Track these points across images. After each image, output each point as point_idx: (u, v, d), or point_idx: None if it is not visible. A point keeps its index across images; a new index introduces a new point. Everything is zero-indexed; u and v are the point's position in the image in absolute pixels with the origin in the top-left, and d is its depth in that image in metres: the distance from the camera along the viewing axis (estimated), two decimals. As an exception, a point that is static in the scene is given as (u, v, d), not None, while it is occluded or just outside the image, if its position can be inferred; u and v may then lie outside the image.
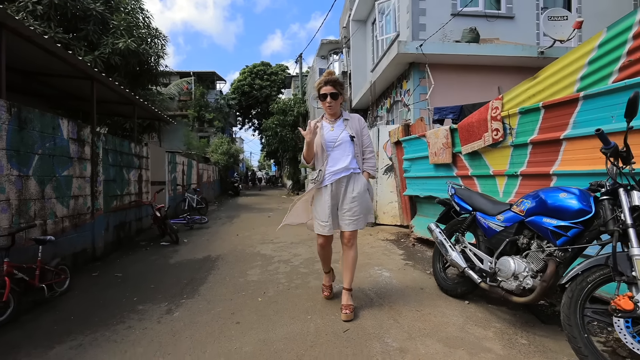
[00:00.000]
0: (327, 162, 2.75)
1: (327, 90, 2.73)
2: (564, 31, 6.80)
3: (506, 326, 2.47)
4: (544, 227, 2.20)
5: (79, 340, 2.45)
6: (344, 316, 2.63)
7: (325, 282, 3.10)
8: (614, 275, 1.78)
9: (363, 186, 2.75)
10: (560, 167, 3.02)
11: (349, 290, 2.78)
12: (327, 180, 2.73)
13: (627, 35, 2.61)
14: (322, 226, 2.74)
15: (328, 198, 2.71)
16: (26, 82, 5.92)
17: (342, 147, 2.75)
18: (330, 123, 2.84)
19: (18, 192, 3.47)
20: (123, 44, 7.94)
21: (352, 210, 2.70)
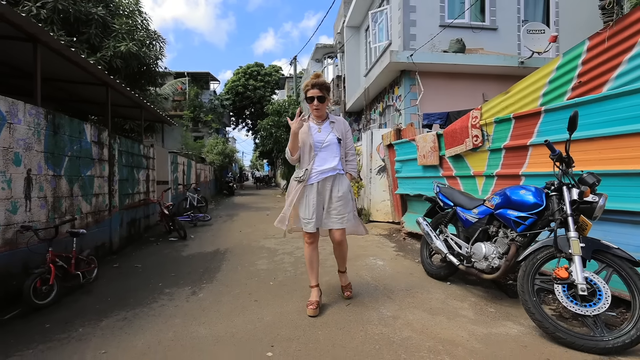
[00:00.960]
0: (314, 162, 2.82)
1: (314, 93, 2.81)
2: (542, 44, 7.41)
3: (479, 300, 3.00)
4: (508, 218, 2.74)
5: (123, 315, 2.91)
6: (346, 296, 3.06)
7: (312, 298, 2.85)
8: (556, 253, 2.31)
9: (347, 187, 2.89)
10: (527, 169, 3.56)
11: (343, 272, 3.13)
12: (314, 178, 2.82)
13: (577, 61, 3.17)
14: (307, 223, 2.82)
15: (314, 196, 2.80)
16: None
17: (329, 149, 2.85)
18: (318, 124, 2.91)
19: (53, 190, 3.89)
20: (125, 47, 8.29)
21: (338, 209, 2.81)
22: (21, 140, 3.39)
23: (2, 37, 3.88)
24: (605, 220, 2.72)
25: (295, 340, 2.32)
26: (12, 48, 4.39)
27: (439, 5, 8.64)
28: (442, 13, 8.64)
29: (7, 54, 4.73)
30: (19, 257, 3.33)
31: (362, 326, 2.53)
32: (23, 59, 4.85)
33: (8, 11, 3.30)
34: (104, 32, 8.40)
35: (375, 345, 2.25)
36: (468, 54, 8.11)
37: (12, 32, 3.69)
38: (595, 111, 2.80)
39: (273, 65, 35.40)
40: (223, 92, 33.76)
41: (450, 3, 8.78)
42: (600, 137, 2.78)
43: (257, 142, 35.35)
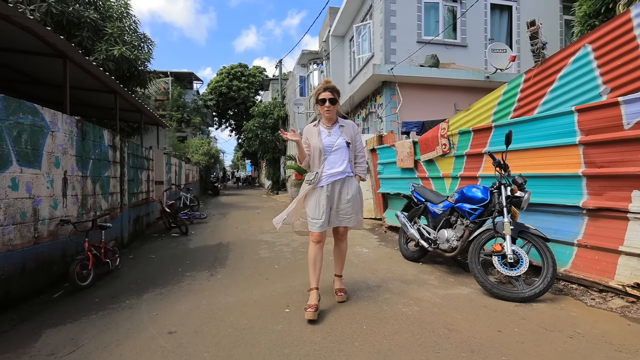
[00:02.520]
0: (324, 165, 2.89)
1: (326, 95, 2.87)
2: (504, 61, 8.42)
3: (443, 274, 3.83)
4: (464, 209, 3.57)
5: (159, 291, 3.56)
6: (338, 298, 3.05)
7: (311, 301, 2.80)
8: (495, 234, 3.15)
9: (356, 189, 2.97)
10: (482, 172, 4.43)
11: (340, 276, 3.17)
12: (324, 181, 2.88)
13: (517, 89, 4.06)
14: (315, 224, 2.87)
15: (324, 198, 2.85)
16: (48, 92, 6.75)
17: (338, 152, 2.90)
18: (327, 128, 2.97)
19: (81, 189, 4.47)
20: (118, 51, 8.72)
21: (346, 210, 2.92)
22: (60, 145, 3.97)
23: (35, 54, 4.41)
24: (534, 210, 3.60)
25: (305, 302, 3.04)
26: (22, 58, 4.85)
27: (416, 23, 9.56)
28: (419, 30, 9.56)
29: (13, 61, 5.16)
30: (58, 247, 3.92)
31: (354, 292, 3.29)
32: (30, 66, 5.33)
33: (49, 34, 3.88)
34: (96, 35, 8.71)
35: (364, 303, 3.02)
36: (442, 68, 9.05)
37: (46, 49, 4.25)
38: (527, 129, 3.68)
39: (257, 66, 35.85)
40: (206, 92, 33.94)
41: (427, 22, 9.72)
42: (531, 149, 3.66)
43: (241, 142, 35.71)
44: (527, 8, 10.61)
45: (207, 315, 2.87)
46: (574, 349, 2.20)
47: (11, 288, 3.17)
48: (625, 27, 3.21)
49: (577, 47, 3.65)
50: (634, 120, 3.00)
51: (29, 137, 3.42)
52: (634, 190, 3.07)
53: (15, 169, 3.23)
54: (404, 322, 2.64)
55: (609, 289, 3.10)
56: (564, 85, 3.76)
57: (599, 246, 3.28)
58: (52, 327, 2.74)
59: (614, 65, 3.33)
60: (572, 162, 3.48)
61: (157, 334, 2.55)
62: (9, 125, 3.17)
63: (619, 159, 3.15)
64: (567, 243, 3.53)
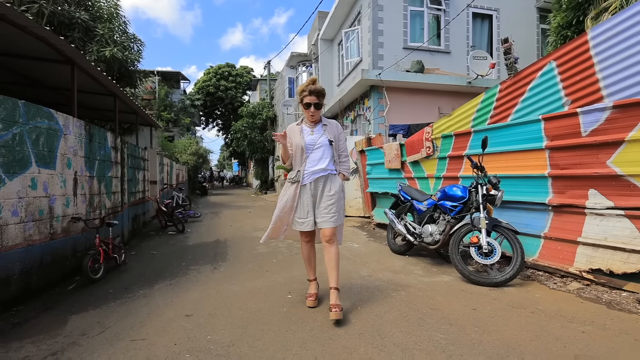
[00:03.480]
0: (305, 163, 2.90)
1: (312, 100, 2.86)
2: (484, 68, 8.95)
3: (427, 265, 4.25)
4: (445, 206, 3.99)
5: (167, 282, 3.85)
6: (333, 315, 2.62)
7: (311, 290, 3.03)
8: (473, 228, 3.58)
9: (339, 186, 2.95)
10: (463, 173, 4.87)
11: (336, 289, 2.81)
12: (307, 179, 2.89)
13: (494, 98, 4.52)
14: (301, 223, 2.89)
15: (308, 196, 2.88)
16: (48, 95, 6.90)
17: (320, 150, 2.91)
18: (310, 127, 2.98)
19: (89, 188, 4.71)
20: (109, 52, 8.87)
21: (329, 208, 2.86)
22: (71, 147, 4.22)
23: (45, 60, 4.62)
24: (508, 207, 4.05)
25: (304, 289, 3.40)
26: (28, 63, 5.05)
27: (403, 30, 10.03)
28: (405, 37, 10.03)
29: (19, 65, 5.33)
30: (70, 243, 4.17)
31: (348, 280, 3.66)
32: (34, 70, 5.51)
33: (60, 42, 4.11)
34: (87, 36, 8.82)
35: (357, 290, 3.39)
36: (426, 73, 9.54)
37: (56, 56, 4.48)
38: (502, 134, 4.14)
39: (244, 66, 35.91)
40: (193, 92, 33.82)
41: (412, 29, 10.20)
42: (505, 152, 4.12)
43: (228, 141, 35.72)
44: (506, 17, 11.23)
45: (217, 301, 3.20)
46: (534, 320, 2.63)
47: (31, 280, 3.43)
48: (583, 48, 3.68)
49: (544, 63, 4.11)
50: (589, 128, 3.47)
51: (46, 140, 3.67)
52: (590, 188, 3.54)
53: (34, 170, 3.48)
54: (393, 304, 3.03)
55: (569, 275, 3.57)
56: (533, 96, 4.22)
57: (561, 238, 3.75)
58: (75, 313, 3.02)
59: (574, 80, 3.80)
60: (539, 164, 3.94)
61: (176, 317, 2.86)
62: (29, 129, 3.42)
63: (577, 161, 3.62)
64: (536, 236, 4.00)
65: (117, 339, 2.49)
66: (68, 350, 2.35)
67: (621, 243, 3.27)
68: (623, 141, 3.23)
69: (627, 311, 2.80)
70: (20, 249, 3.28)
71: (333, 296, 2.79)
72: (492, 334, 2.42)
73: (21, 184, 3.29)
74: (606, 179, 3.39)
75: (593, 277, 3.39)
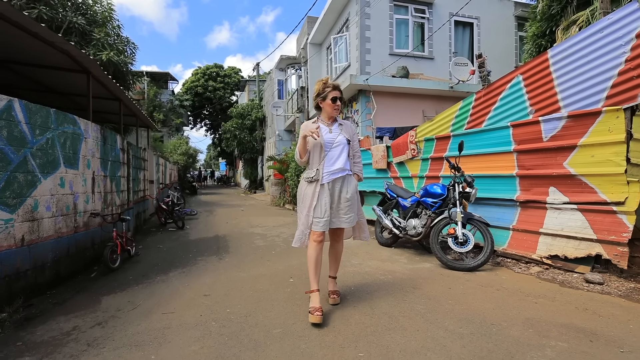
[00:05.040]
0: (324, 162, 2.87)
1: (336, 94, 2.90)
2: (465, 74, 9.60)
3: (411, 254, 4.80)
4: (427, 202, 4.54)
5: (180, 270, 4.29)
6: (332, 300, 3.02)
7: (315, 304, 2.74)
8: (450, 221, 4.14)
9: (355, 188, 2.99)
10: (443, 173, 5.44)
11: (334, 277, 3.11)
12: (326, 179, 2.85)
13: (470, 106, 5.10)
14: (318, 223, 2.81)
15: (326, 196, 2.83)
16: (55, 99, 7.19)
17: (338, 149, 2.90)
18: (328, 126, 2.96)
19: (103, 187, 5.09)
20: (106, 56, 9.19)
21: (346, 209, 2.89)
22: (90, 150, 4.60)
23: (63, 69, 4.98)
24: (482, 204, 4.63)
25: (304, 275, 3.89)
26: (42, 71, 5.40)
27: (389, 37, 10.60)
28: (390, 44, 10.60)
29: (33, 73, 5.66)
30: (89, 236, 4.56)
31: (341, 267, 4.09)
32: (47, 78, 5.85)
33: (79, 54, 4.49)
34: (84, 40, 9.12)
35: (350, 275, 3.91)
36: (411, 78, 10.13)
37: (74, 66, 4.84)
38: (476, 138, 4.72)
39: (232, 67, 36.06)
40: (181, 92, 33.85)
41: (398, 36, 10.79)
42: (480, 154, 4.70)
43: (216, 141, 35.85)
44: (486, 25, 11.94)
45: (229, 284, 3.66)
46: (498, 296, 3.19)
47: (61, 268, 3.82)
48: (544, 65, 4.27)
49: (512, 76, 4.70)
50: (549, 134, 4.07)
51: (71, 143, 4.06)
52: (550, 186, 4.13)
53: (62, 170, 3.87)
54: (381, 285, 3.55)
55: (532, 260, 4.17)
56: (503, 105, 4.81)
57: (527, 229, 4.34)
58: (106, 295, 3.45)
59: (537, 92, 4.38)
60: (508, 165, 4.53)
61: (195, 296, 3.32)
62: (59, 134, 3.82)
63: (540, 163, 4.21)
64: (506, 228, 4.58)
65: (149, 313, 2.94)
66: (110, 321, 2.79)
67: (574, 233, 3.87)
68: (576, 146, 3.83)
69: (575, 288, 3.38)
70: (52, 240, 3.68)
71: (332, 284, 3.09)
72: (463, 305, 2.96)
73: (52, 182, 3.69)
74: (563, 178, 3.98)
75: (551, 262, 3.99)
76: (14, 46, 4.36)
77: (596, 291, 3.24)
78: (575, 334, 2.38)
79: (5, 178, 3.09)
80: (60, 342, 2.46)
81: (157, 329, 2.61)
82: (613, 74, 3.62)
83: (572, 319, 2.63)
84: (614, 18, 3.60)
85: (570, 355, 2.11)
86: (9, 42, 4.18)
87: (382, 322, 2.65)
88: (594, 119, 3.63)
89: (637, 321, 2.58)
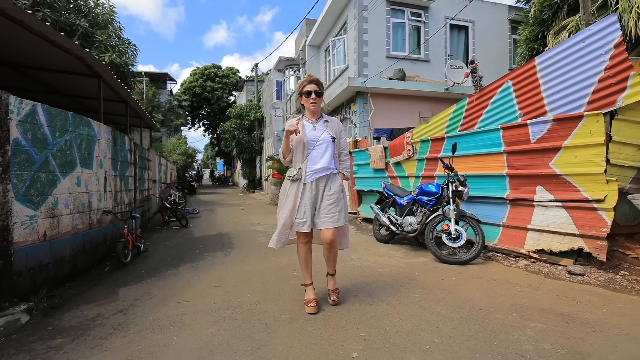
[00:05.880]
0: (307, 160, 2.79)
1: (312, 87, 2.80)
2: (460, 76, 9.89)
3: (407, 250, 5.07)
4: (422, 200, 4.81)
5: (189, 265, 4.53)
6: (331, 301, 2.95)
7: (309, 296, 2.88)
8: (444, 218, 4.41)
9: (339, 186, 2.87)
10: (438, 172, 5.71)
11: (333, 275, 3.02)
12: (309, 178, 2.78)
13: (463, 109, 5.38)
14: (301, 223, 2.77)
15: (308, 195, 2.77)
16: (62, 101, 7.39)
17: (322, 147, 2.81)
18: (312, 123, 2.87)
19: (114, 186, 5.32)
20: (108, 58, 9.41)
21: (329, 208, 2.78)
22: (102, 150, 4.83)
23: (76, 74, 5.20)
24: (475, 202, 4.91)
25: (307, 268, 4.14)
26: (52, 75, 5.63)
27: (385, 40, 10.88)
28: (388, 47, 10.88)
29: (46, 76, 5.91)
30: (102, 232, 4.80)
31: (341, 262, 4.41)
32: (56, 81, 6.08)
33: (93, 60, 4.72)
34: (86, 42, 9.33)
35: (350, 269, 4.17)
36: (408, 80, 10.41)
37: (86, 71, 5.07)
38: (469, 140, 5.00)
39: (230, 67, 36.23)
40: (180, 92, 33.99)
41: (395, 39, 11.06)
42: (472, 155, 4.98)
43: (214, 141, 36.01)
44: (481, 28, 12.24)
45: (237, 277, 3.91)
46: (487, 285, 3.46)
47: (77, 262, 4.06)
48: (532, 71, 4.55)
49: (502, 82, 4.98)
50: (536, 136, 4.34)
51: (86, 144, 4.29)
52: (537, 185, 4.41)
53: (79, 170, 4.10)
54: (379, 277, 3.81)
55: (520, 255, 4.44)
56: (494, 109, 5.09)
57: (516, 226, 4.62)
58: (122, 286, 3.69)
59: (525, 97, 4.66)
60: (499, 165, 4.81)
61: (206, 287, 3.57)
62: (75, 135, 4.05)
63: (528, 163, 4.49)
64: (496, 225, 4.86)
65: (165, 302, 3.18)
66: (130, 309, 3.03)
67: (559, 228, 4.15)
68: (561, 147, 4.11)
69: (558, 279, 3.66)
70: (70, 235, 3.91)
71: (330, 282, 3.02)
72: (454, 294, 3.23)
73: (70, 181, 3.92)
74: (549, 178, 4.26)
75: (538, 256, 4.27)
76: (27, 51, 4.58)
77: (577, 281, 3.52)
78: (554, 317, 2.65)
79: (30, 177, 3.32)
80: (88, 327, 2.70)
81: (174, 315, 2.86)
82: (594, 80, 3.90)
83: (552, 305, 2.90)
84: (595, 29, 3.88)
85: (548, 334, 2.38)
86: (24, 48, 4.40)
87: (380, 308, 2.91)
88: (577, 123, 3.91)
89: (610, 307, 2.86)
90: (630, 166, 3.87)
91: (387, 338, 2.38)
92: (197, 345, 2.35)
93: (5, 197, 3.04)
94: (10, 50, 4.34)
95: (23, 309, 2.98)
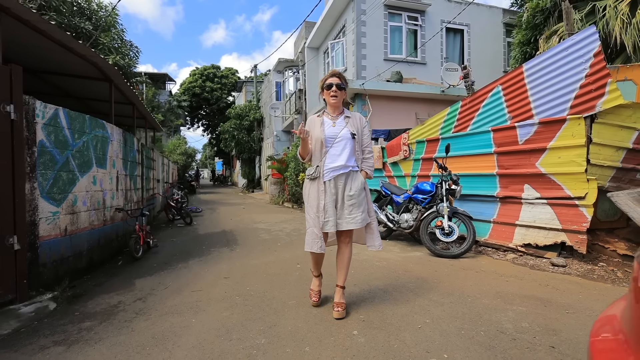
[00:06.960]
0: (325, 158, 2.70)
1: (334, 80, 2.73)
2: (455, 79, 10.19)
3: (403, 245, 5.35)
4: (418, 198, 5.11)
5: (198, 259, 4.80)
6: (336, 314, 2.68)
7: (315, 287, 2.98)
8: (438, 214, 4.70)
9: (360, 185, 2.75)
10: (433, 172, 6.00)
11: (342, 287, 2.82)
12: (327, 176, 2.70)
13: (457, 112, 5.67)
14: (327, 223, 2.67)
15: (328, 194, 2.68)
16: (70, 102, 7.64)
17: (341, 144, 2.71)
18: (332, 119, 2.78)
19: (125, 185, 5.58)
20: (112, 60, 9.69)
21: (350, 209, 2.68)
22: (115, 151, 5.10)
23: (88, 78, 5.45)
24: (468, 200, 5.20)
25: (309, 262, 4.41)
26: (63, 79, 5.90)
27: (383, 43, 11.17)
28: (385, 50, 11.18)
29: (58, 80, 6.17)
30: (114, 228, 5.06)
31: (342, 255, 4.71)
32: (67, 84, 6.34)
33: (106, 65, 4.98)
34: (91, 45, 9.58)
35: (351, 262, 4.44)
36: (405, 82, 10.70)
37: (99, 75, 5.32)
38: (462, 141, 5.29)
39: (229, 68, 36.47)
40: (179, 92, 34.19)
41: (392, 42, 11.36)
42: (465, 155, 5.27)
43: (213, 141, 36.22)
44: (476, 32, 12.56)
45: (244, 270, 4.19)
46: (476, 276, 3.75)
47: (93, 256, 4.32)
48: (520, 77, 4.85)
49: (493, 86, 5.28)
50: (524, 138, 4.64)
51: (101, 145, 4.56)
52: (525, 184, 4.71)
53: (94, 169, 4.37)
54: (377, 269, 4.10)
55: (509, 249, 4.74)
56: (485, 112, 5.39)
57: (505, 222, 4.91)
58: (137, 278, 3.95)
59: (514, 101, 4.96)
60: (490, 165, 5.11)
61: (216, 278, 3.84)
62: (92, 137, 4.31)
63: (516, 163, 4.79)
64: (487, 221, 5.16)
65: (180, 291, 3.45)
66: (148, 297, 3.31)
67: (544, 224, 4.45)
68: (546, 148, 4.41)
69: (542, 270, 3.95)
70: (87, 231, 4.17)
71: (338, 294, 2.81)
72: (446, 283, 3.52)
73: (87, 180, 4.18)
74: (535, 177, 4.56)
75: (524, 250, 4.56)
76: (45, 58, 4.83)
77: (559, 272, 3.82)
78: (534, 302, 2.94)
79: (53, 176, 3.59)
80: (112, 312, 2.97)
81: (190, 302, 3.13)
82: (576, 87, 4.20)
83: (534, 292, 3.19)
84: (577, 39, 4.18)
85: (527, 315, 2.67)
86: (42, 55, 4.65)
87: (378, 295, 3.20)
88: (560, 126, 4.21)
89: (586, 293, 3.16)
90: (609, 166, 4.17)
91: (383, 319, 2.67)
92: (215, 325, 2.62)
93: (33, 195, 3.30)
94: (30, 58, 4.59)
95: (49, 297, 3.25)
